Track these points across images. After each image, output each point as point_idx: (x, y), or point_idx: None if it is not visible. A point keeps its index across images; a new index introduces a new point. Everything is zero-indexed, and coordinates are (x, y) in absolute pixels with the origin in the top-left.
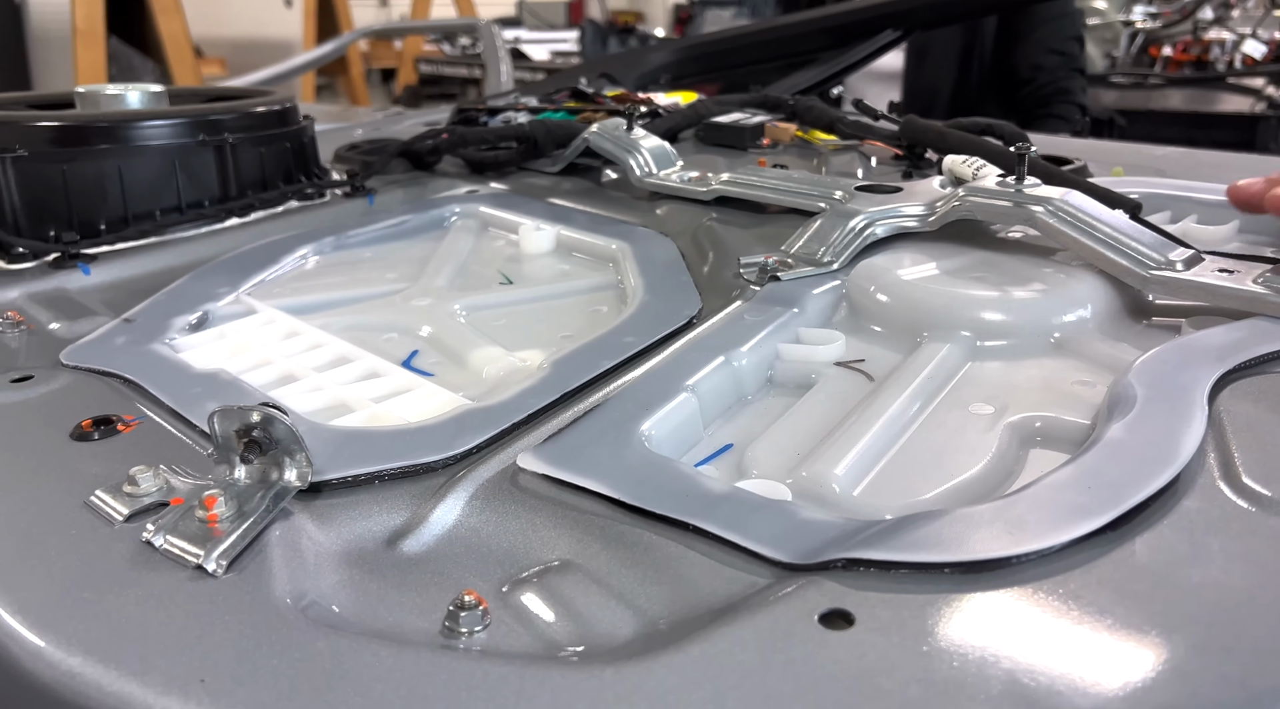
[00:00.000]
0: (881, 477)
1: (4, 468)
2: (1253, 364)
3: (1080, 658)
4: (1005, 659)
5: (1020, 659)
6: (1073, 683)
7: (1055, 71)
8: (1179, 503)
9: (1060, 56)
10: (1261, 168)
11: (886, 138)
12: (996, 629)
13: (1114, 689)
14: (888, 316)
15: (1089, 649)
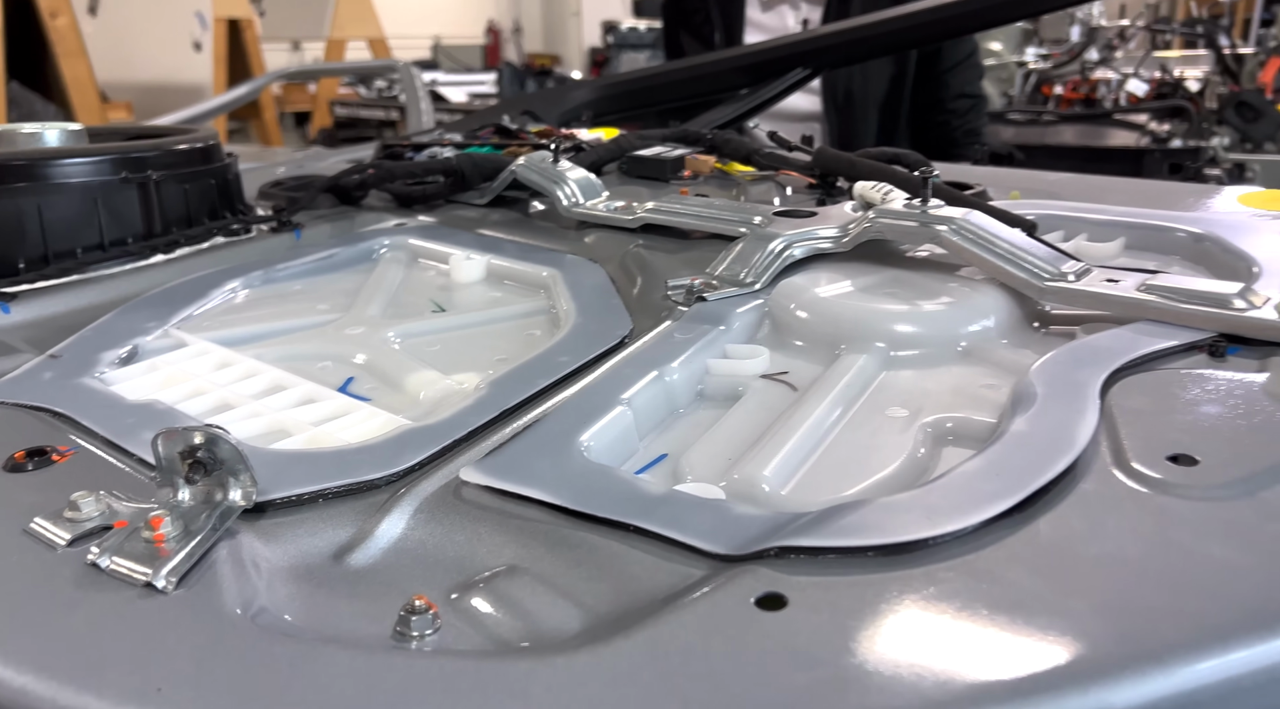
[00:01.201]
0: (808, 477)
1: None
2: (1138, 363)
3: (994, 624)
4: (927, 629)
5: (940, 629)
6: (988, 646)
7: (965, 115)
8: (1077, 486)
9: (970, 99)
10: (1141, 192)
11: (800, 168)
12: (918, 603)
13: (1026, 649)
14: (808, 331)
15: (1002, 617)
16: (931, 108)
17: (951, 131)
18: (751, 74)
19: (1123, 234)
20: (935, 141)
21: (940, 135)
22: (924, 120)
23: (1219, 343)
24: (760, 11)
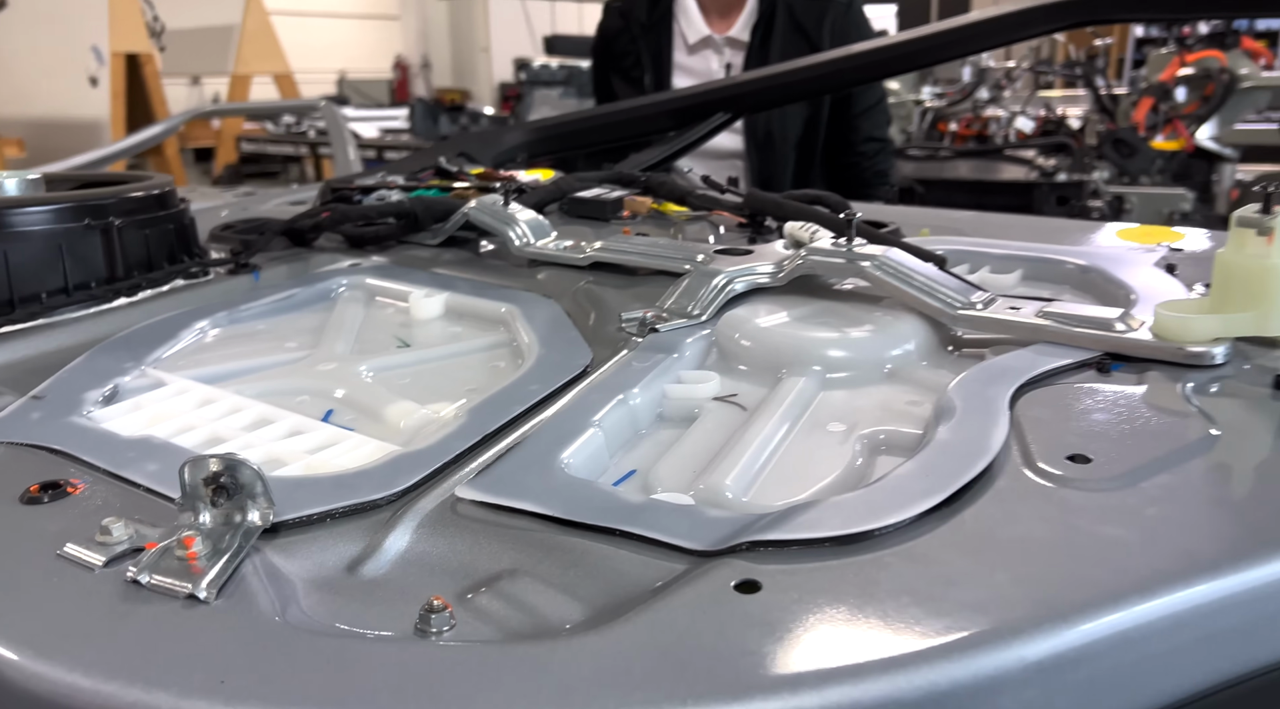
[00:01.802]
0: (764, 484)
1: None
2: (1040, 378)
3: (932, 596)
4: (877, 601)
5: (888, 601)
6: (928, 613)
7: (875, 157)
8: (993, 483)
9: (879, 143)
10: (1035, 228)
11: (732, 208)
12: (870, 582)
13: (958, 615)
14: (752, 358)
15: (938, 590)
16: (844, 150)
17: (862, 172)
18: (677, 118)
19: (1021, 266)
20: (847, 181)
21: (852, 175)
22: (837, 161)
23: (1105, 360)
24: (686, 55)
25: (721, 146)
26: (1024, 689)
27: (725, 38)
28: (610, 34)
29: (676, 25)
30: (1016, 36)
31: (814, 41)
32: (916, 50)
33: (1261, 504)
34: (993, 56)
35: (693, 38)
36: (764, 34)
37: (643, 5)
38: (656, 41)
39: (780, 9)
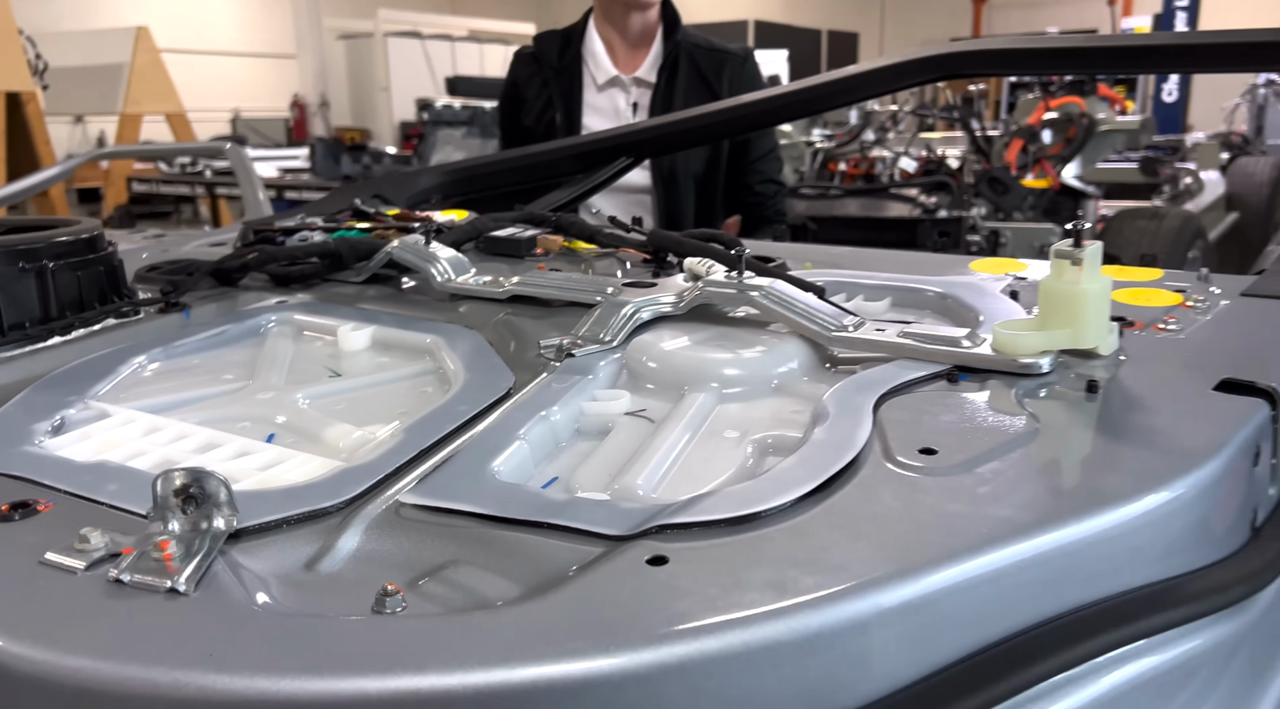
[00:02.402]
0: (670, 484)
1: None
2: (899, 388)
3: (808, 560)
4: (763, 566)
5: (771, 566)
6: (805, 572)
7: (773, 199)
8: (859, 472)
9: (774, 186)
10: (903, 261)
11: (636, 246)
12: (757, 551)
13: (829, 573)
14: (658, 377)
15: (813, 555)
16: (743, 191)
17: (759, 212)
18: (583, 161)
19: (889, 295)
20: (746, 219)
21: (750, 215)
22: (736, 201)
23: (954, 372)
24: (596, 93)
25: (631, 183)
26: (882, 629)
27: (632, 78)
28: (522, 79)
29: (586, 67)
30: (892, 87)
31: (713, 88)
32: (802, 100)
33: (1070, 482)
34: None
35: (601, 78)
36: (669, 77)
37: (553, 49)
38: (568, 82)
39: (684, 55)
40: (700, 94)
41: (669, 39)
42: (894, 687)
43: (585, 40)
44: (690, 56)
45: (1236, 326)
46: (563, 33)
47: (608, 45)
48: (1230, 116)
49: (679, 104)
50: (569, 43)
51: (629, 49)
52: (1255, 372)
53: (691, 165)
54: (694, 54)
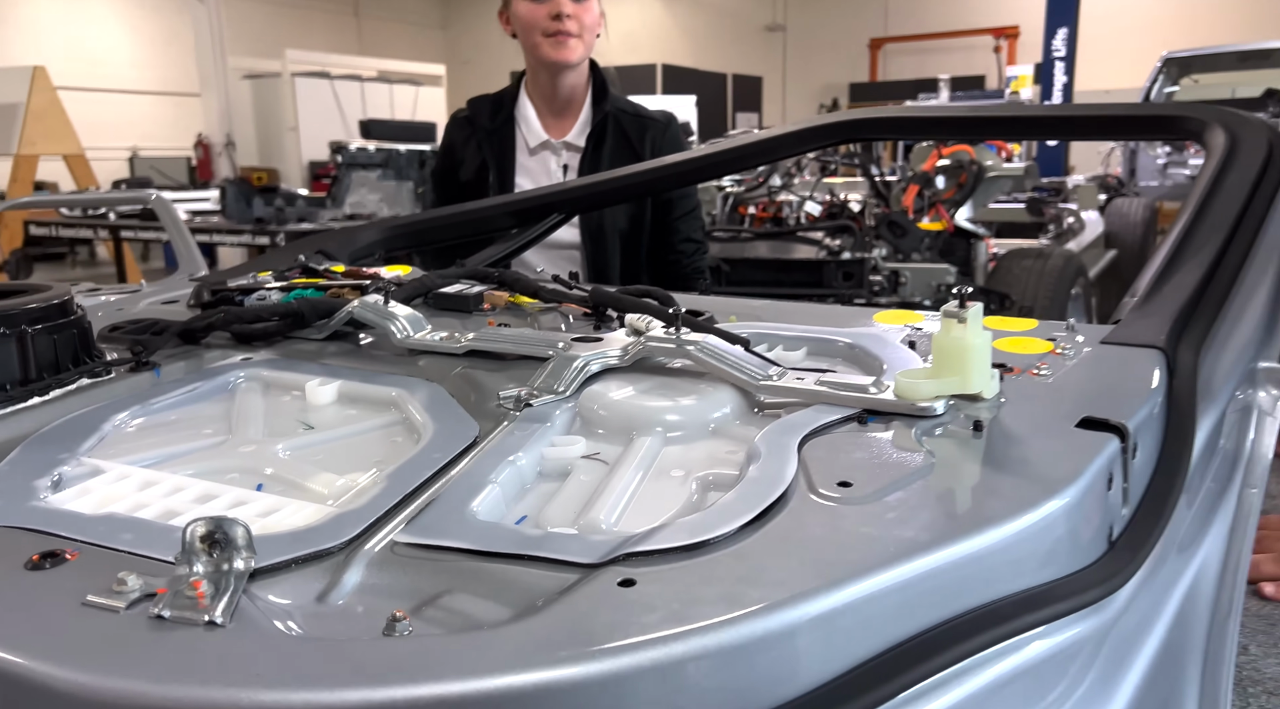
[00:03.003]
0: (628, 518)
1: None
2: (818, 430)
3: (750, 577)
4: (714, 584)
5: (721, 583)
6: (749, 587)
7: (693, 256)
8: (789, 503)
9: (695, 244)
10: (816, 314)
11: (577, 301)
12: (708, 572)
13: (768, 587)
14: (608, 424)
15: (754, 573)
16: (666, 248)
17: (681, 268)
18: (518, 217)
19: (805, 345)
20: (668, 274)
21: (673, 270)
22: (659, 257)
23: (863, 415)
24: (528, 156)
25: (560, 239)
26: (813, 632)
27: (562, 142)
28: (458, 141)
29: (518, 130)
30: (799, 151)
31: (638, 152)
32: (717, 163)
33: (961, 507)
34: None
35: (533, 142)
36: (596, 141)
37: (486, 113)
38: (500, 145)
39: (610, 121)
40: (625, 158)
41: (598, 106)
42: (824, 679)
43: (517, 105)
44: (617, 122)
45: (1096, 371)
46: (494, 97)
47: (538, 110)
48: (1106, 160)
49: (605, 167)
50: (501, 107)
51: (558, 114)
52: (1109, 411)
53: (618, 222)
54: (621, 119)
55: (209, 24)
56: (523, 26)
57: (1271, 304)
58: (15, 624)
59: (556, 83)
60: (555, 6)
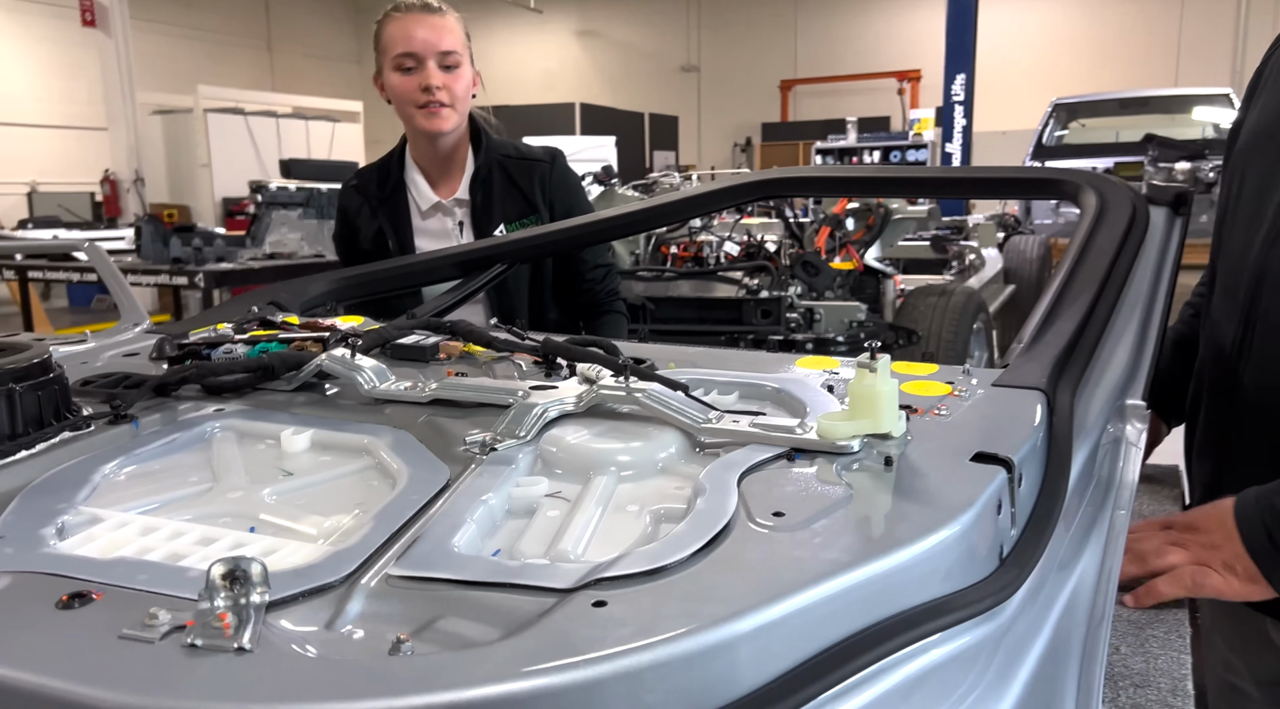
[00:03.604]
0: (593, 548)
1: (30, 632)
2: (754, 467)
3: (702, 595)
4: (674, 601)
5: (682, 603)
6: (702, 604)
7: (604, 280)
8: (732, 532)
9: (604, 268)
10: (746, 359)
11: (528, 350)
12: (667, 593)
13: (717, 604)
14: (567, 465)
15: (706, 591)
16: (575, 278)
17: (595, 296)
18: (462, 268)
19: (737, 389)
20: (584, 305)
21: (587, 300)
22: (571, 288)
23: (791, 453)
24: (422, 220)
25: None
26: (755, 641)
27: (453, 200)
28: (351, 210)
29: (409, 195)
30: (723, 206)
31: (528, 196)
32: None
33: (876, 531)
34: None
35: (425, 205)
36: (485, 193)
37: (374, 181)
38: (394, 211)
39: (495, 169)
40: (516, 201)
41: (478, 155)
42: (763, 681)
43: (405, 170)
44: (502, 168)
45: (987, 411)
46: (380, 165)
47: (424, 172)
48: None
49: (497, 215)
50: (389, 174)
51: (444, 173)
52: (999, 446)
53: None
54: (505, 165)
55: (117, 57)
56: (396, 97)
57: (1136, 347)
58: (59, 657)
59: (435, 147)
60: (425, 79)
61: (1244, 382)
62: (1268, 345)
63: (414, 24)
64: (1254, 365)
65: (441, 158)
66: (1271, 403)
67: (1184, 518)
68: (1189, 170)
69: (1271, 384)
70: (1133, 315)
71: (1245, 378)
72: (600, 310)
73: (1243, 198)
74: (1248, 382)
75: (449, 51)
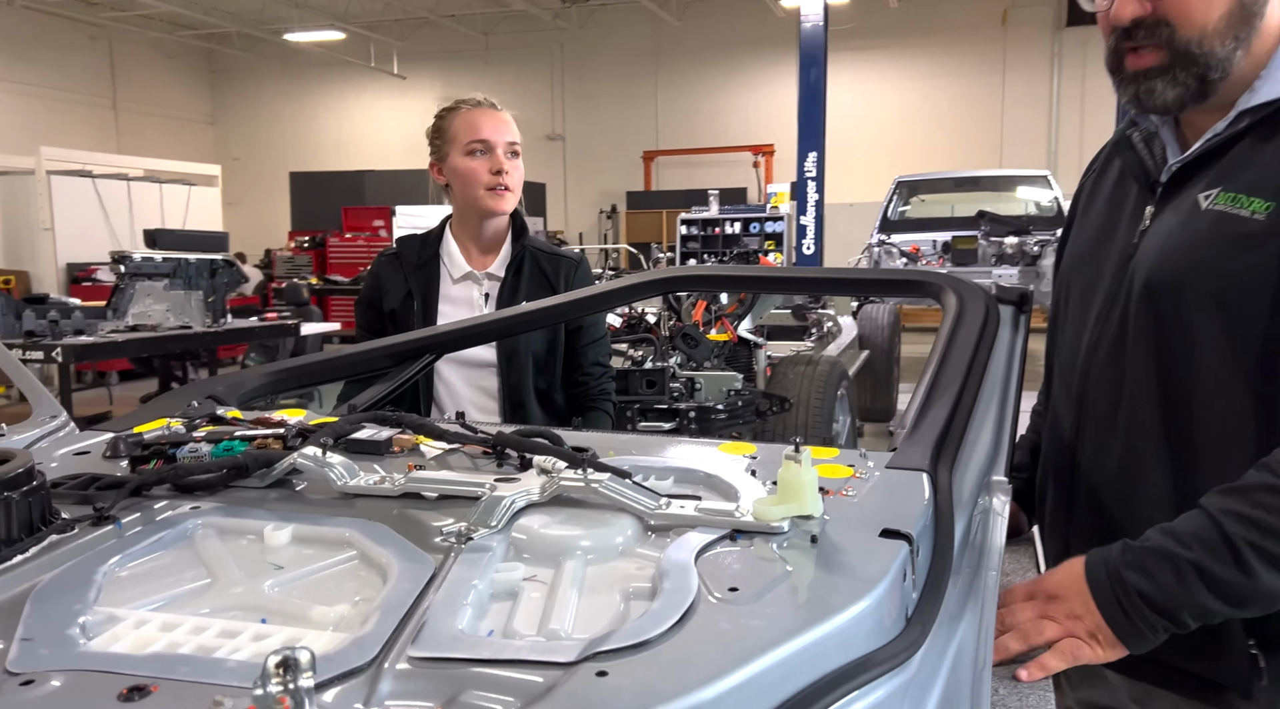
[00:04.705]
0: (579, 625)
1: None
2: (705, 547)
3: (681, 661)
4: (663, 670)
5: (663, 669)
6: (681, 672)
7: (599, 379)
8: (698, 607)
9: (602, 368)
10: (678, 447)
11: (480, 443)
12: (656, 662)
13: (692, 671)
14: (538, 551)
15: (681, 659)
16: (574, 370)
17: (589, 390)
18: (394, 359)
19: (672, 474)
20: (577, 396)
21: (580, 392)
22: (569, 378)
23: (734, 533)
24: (452, 286)
25: (479, 357)
26: (731, 699)
27: (485, 273)
28: (385, 274)
29: (442, 265)
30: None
31: (553, 284)
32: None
33: (813, 601)
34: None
35: (457, 273)
36: (515, 272)
37: (413, 249)
38: (426, 276)
39: (528, 257)
40: (541, 288)
41: (517, 242)
42: None
43: (443, 243)
44: (534, 258)
45: (885, 491)
46: (421, 237)
47: (463, 248)
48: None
49: (523, 296)
50: (427, 245)
51: (482, 251)
52: (899, 522)
53: (532, 344)
54: (537, 256)
55: None
56: (464, 180)
57: (996, 429)
58: None
59: (484, 226)
60: (496, 163)
61: (1080, 464)
62: (1095, 434)
63: (484, 117)
64: (1087, 451)
65: (485, 236)
66: (1102, 481)
67: (1045, 587)
68: (1017, 244)
69: (1100, 466)
70: (992, 401)
71: (1080, 461)
72: (590, 405)
73: (1070, 310)
74: (1082, 464)
75: (515, 142)
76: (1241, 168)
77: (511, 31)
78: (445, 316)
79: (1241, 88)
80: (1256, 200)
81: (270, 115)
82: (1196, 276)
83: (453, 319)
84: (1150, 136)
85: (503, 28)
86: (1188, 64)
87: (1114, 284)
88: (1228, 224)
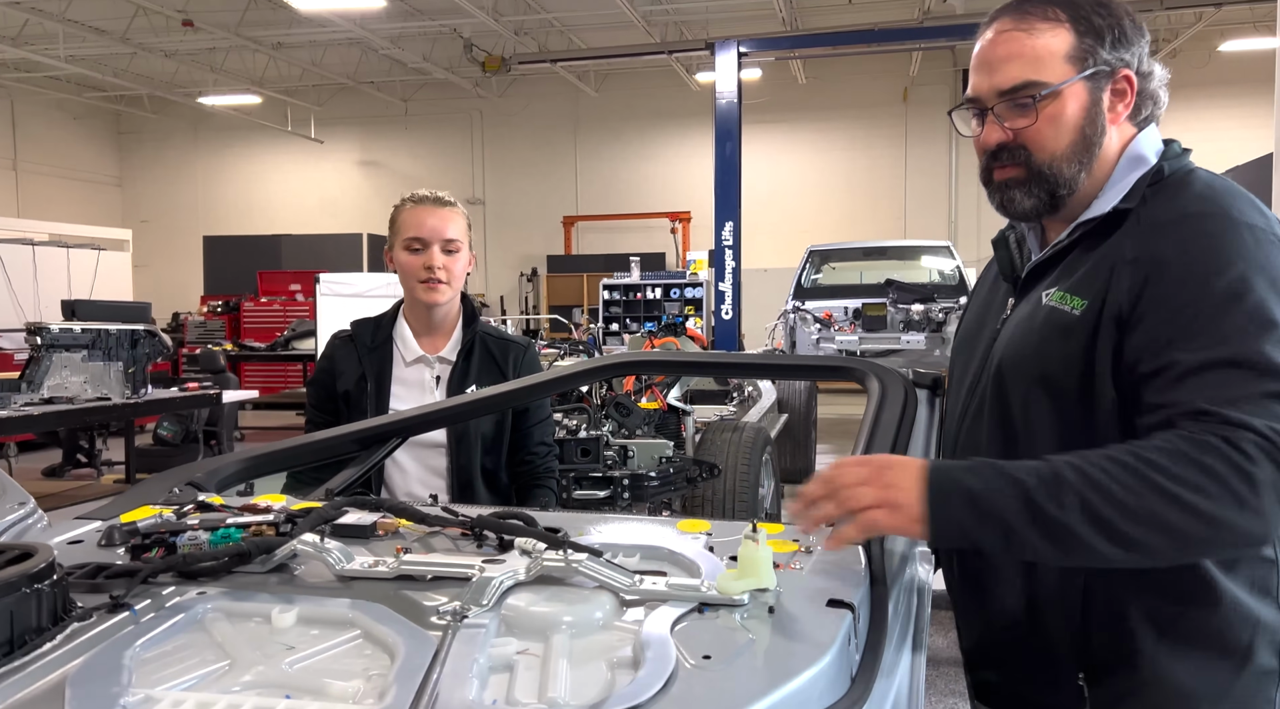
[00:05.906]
0: (574, 692)
1: None
2: (678, 619)
3: None
4: None
5: None
6: None
7: (545, 458)
8: (678, 674)
9: (547, 447)
10: (641, 527)
11: (460, 525)
12: None
13: None
14: (527, 626)
15: None
16: (520, 449)
17: (535, 469)
18: (362, 443)
19: (639, 551)
20: (521, 475)
21: (526, 470)
22: (515, 457)
23: (702, 606)
24: (404, 368)
25: (430, 439)
26: None
27: (436, 357)
28: (339, 356)
29: (395, 348)
30: (580, 384)
31: (502, 369)
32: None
33: (776, 664)
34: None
35: (409, 357)
36: (466, 357)
37: (367, 333)
38: (379, 359)
39: (479, 342)
40: (491, 372)
41: (468, 327)
42: None
43: (396, 327)
44: (484, 343)
45: (829, 564)
46: (375, 320)
47: (414, 331)
48: (772, 334)
49: (473, 380)
50: (380, 328)
51: (432, 335)
52: (843, 593)
53: (481, 426)
54: (487, 341)
55: None
56: (403, 272)
57: None
58: None
59: (430, 313)
60: (429, 259)
61: None
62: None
63: (425, 213)
64: None
65: (433, 322)
66: None
67: (882, 458)
68: (923, 311)
69: None
70: None
71: None
72: (535, 483)
73: (953, 382)
74: None
75: (451, 239)
76: (1071, 270)
77: (431, 98)
78: (398, 398)
79: (1085, 202)
80: (1076, 298)
81: (181, 177)
82: (1030, 360)
83: (405, 401)
84: (1021, 239)
85: (422, 94)
86: (1041, 181)
87: (981, 363)
88: (1056, 317)
